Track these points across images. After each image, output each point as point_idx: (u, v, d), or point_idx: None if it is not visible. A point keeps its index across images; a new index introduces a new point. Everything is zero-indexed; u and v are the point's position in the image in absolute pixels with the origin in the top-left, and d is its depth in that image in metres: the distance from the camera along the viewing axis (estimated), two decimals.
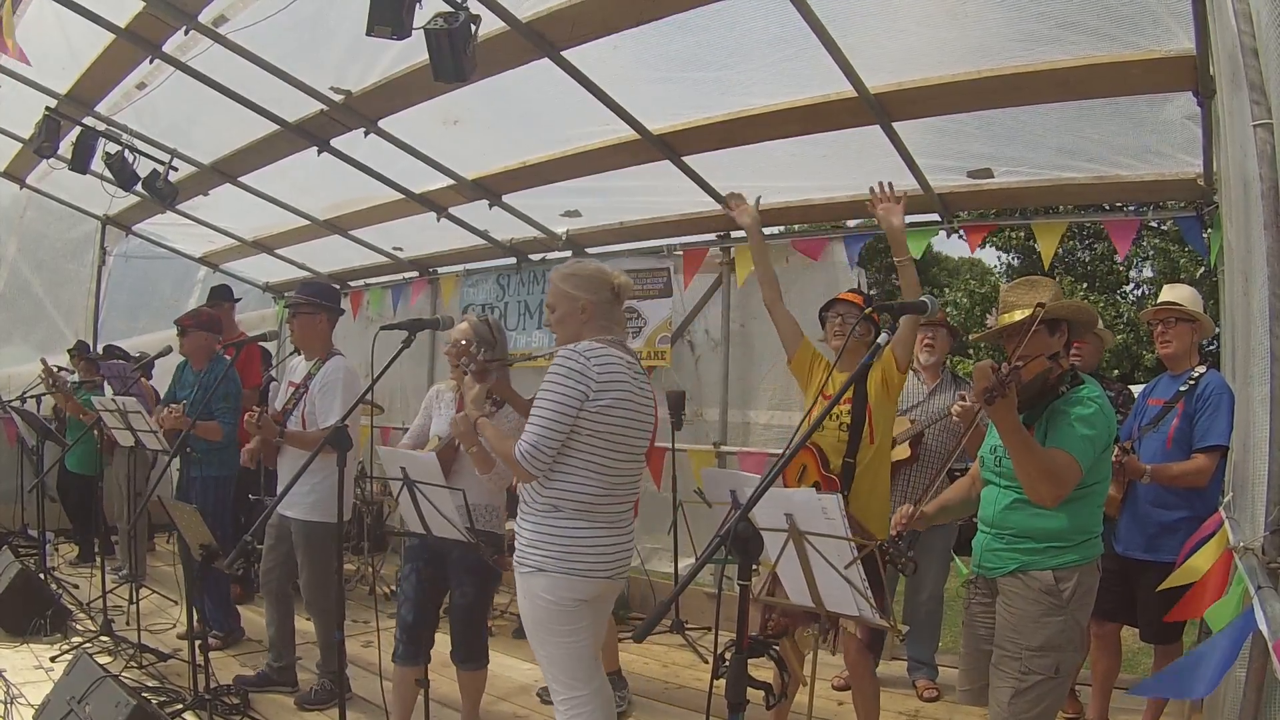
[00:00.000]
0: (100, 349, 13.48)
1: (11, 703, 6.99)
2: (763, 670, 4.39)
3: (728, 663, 3.86)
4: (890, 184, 6.08)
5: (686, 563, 9.74)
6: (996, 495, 4.97)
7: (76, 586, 10.71)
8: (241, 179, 11.89)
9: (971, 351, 30.70)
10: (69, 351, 13.61)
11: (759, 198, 6.70)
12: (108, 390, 11.57)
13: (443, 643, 6.49)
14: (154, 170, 11.13)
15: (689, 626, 9.51)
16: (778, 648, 5.44)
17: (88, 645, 8.16)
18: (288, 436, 7.24)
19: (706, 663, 8.62)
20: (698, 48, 7.66)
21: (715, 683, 3.99)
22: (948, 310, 29.78)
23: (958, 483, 5.57)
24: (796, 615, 5.92)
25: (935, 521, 5.56)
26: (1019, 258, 37.73)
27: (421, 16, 6.62)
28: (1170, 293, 6.81)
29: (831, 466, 6.11)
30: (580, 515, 4.85)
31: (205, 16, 8.34)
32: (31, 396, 12.33)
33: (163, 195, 11.27)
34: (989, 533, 4.99)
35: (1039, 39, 6.54)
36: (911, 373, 8.08)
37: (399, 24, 6.47)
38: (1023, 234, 31.51)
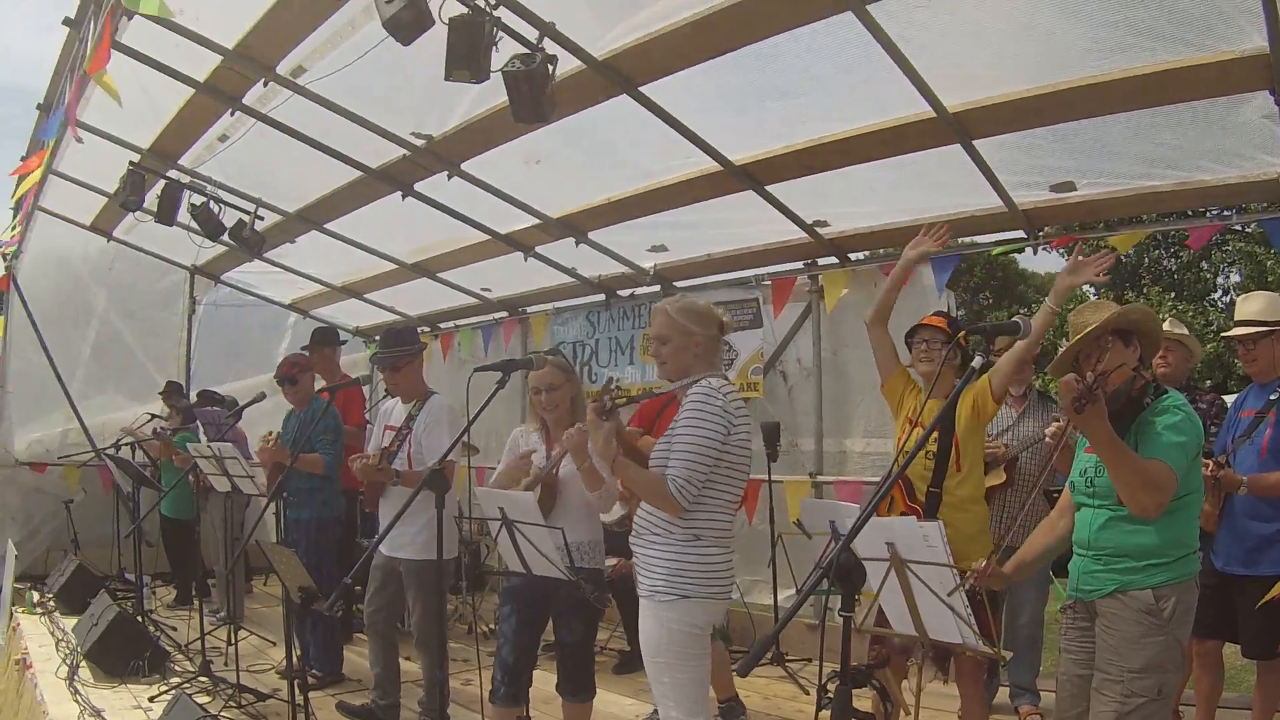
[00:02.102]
0: (195, 395, 13.64)
1: None
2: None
3: (831, 694, 3.84)
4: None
5: (785, 594, 9.66)
6: (1090, 516, 4.87)
7: (174, 629, 10.83)
8: (327, 225, 12.04)
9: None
10: (160, 394, 13.93)
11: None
12: (202, 436, 11.70)
13: (540, 678, 6.47)
14: (240, 220, 11.31)
15: (789, 658, 9.38)
16: (879, 678, 5.41)
17: (186, 685, 8.21)
18: (403, 478, 7.26)
19: (808, 694, 8.50)
20: (774, 76, 7.67)
21: (819, 715, 3.98)
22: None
23: (1035, 532, 5.45)
24: (895, 647, 5.89)
25: (1014, 580, 5.46)
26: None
27: (498, 59, 6.66)
28: (1244, 306, 6.68)
29: (917, 495, 6.08)
30: (716, 542, 4.99)
31: (283, 68, 8.47)
32: (126, 444, 12.54)
33: (250, 244, 11.42)
34: (1085, 555, 4.89)
35: (1111, 48, 6.48)
36: None
37: (477, 67, 6.51)
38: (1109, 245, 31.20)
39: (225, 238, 11.44)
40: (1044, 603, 7.95)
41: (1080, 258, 5.72)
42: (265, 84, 8.71)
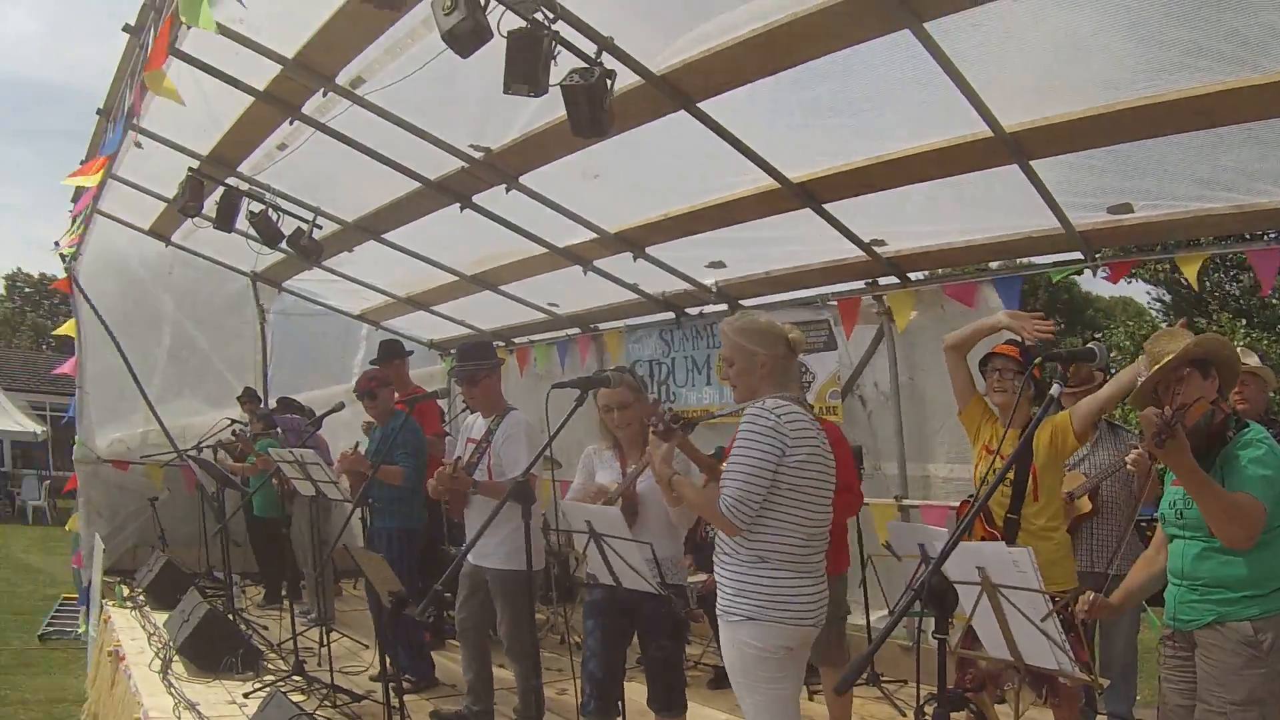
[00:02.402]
0: (274, 402, 13.75)
1: None
2: None
3: (927, 716, 3.83)
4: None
5: (878, 615, 9.63)
6: (1183, 547, 4.84)
7: (265, 628, 11.01)
8: (386, 235, 12.12)
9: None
10: (239, 399, 14.16)
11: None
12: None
13: (633, 690, 6.46)
14: (298, 228, 11.41)
15: (884, 679, 9.32)
16: (975, 702, 5.38)
17: (280, 684, 8.26)
18: (481, 487, 7.34)
19: (904, 716, 8.52)
20: (832, 94, 7.64)
21: None
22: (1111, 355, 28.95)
23: (1137, 565, 5.40)
24: (995, 670, 5.85)
25: (1120, 612, 5.41)
26: (1168, 292, 36.88)
27: (557, 73, 6.67)
28: None
29: (995, 521, 6.08)
30: (785, 565, 4.88)
31: (343, 78, 8.55)
32: (208, 446, 12.78)
33: (308, 252, 11.54)
34: (1181, 585, 4.86)
35: (1168, 68, 6.36)
36: None
37: (535, 81, 6.52)
38: (1169, 266, 30.62)
39: (283, 245, 11.53)
40: (1137, 630, 7.79)
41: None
42: (324, 94, 8.78)
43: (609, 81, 6.78)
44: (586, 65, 6.78)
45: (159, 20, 8.12)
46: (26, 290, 70.57)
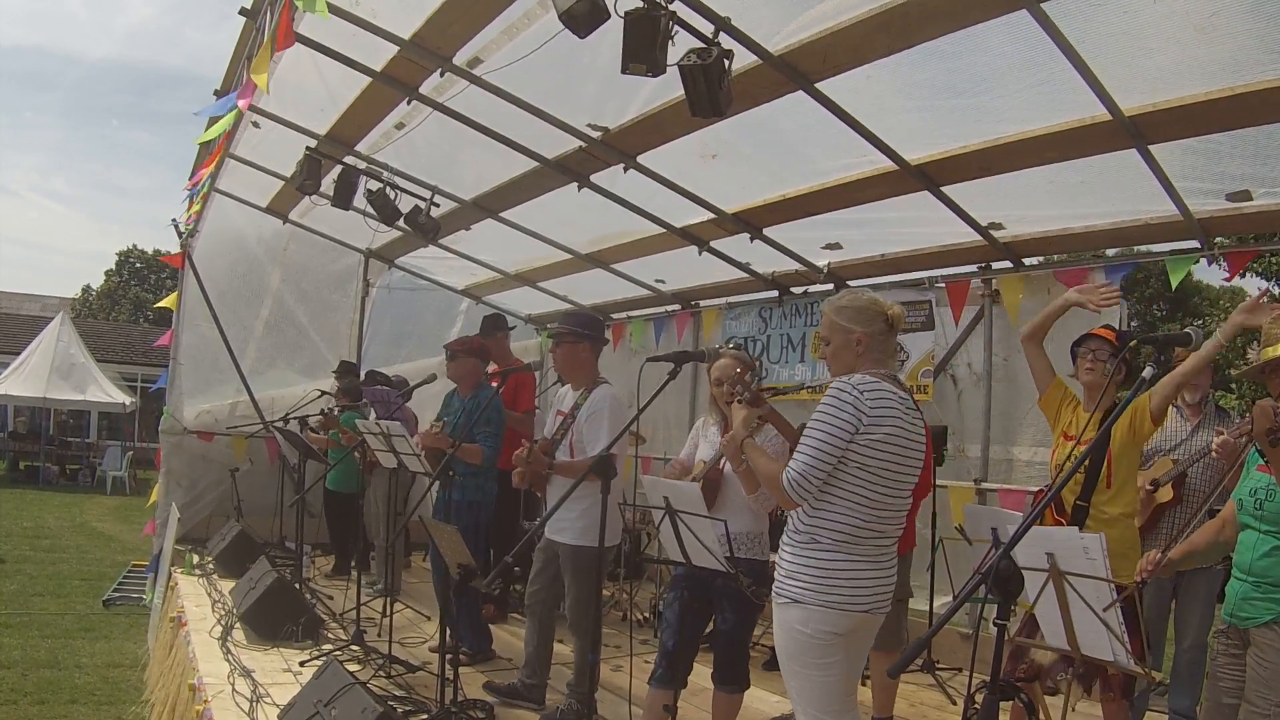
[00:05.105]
0: (363, 375, 13.90)
1: (258, 701, 7.22)
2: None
3: (977, 705, 3.81)
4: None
5: (942, 601, 9.58)
6: (1255, 541, 4.75)
7: (330, 598, 11.15)
8: (503, 214, 12.22)
9: (1234, 386, 29.44)
10: (334, 372, 14.32)
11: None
12: (371, 414, 11.94)
13: (696, 670, 6.52)
14: (416, 206, 11.56)
15: (939, 666, 9.30)
16: (1027, 693, 5.33)
17: (338, 653, 8.35)
18: (556, 467, 7.36)
19: (955, 704, 8.46)
20: (950, 75, 7.56)
21: None
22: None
23: (1205, 526, 5.34)
24: (1049, 661, 5.80)
25: (1181, 567, 5.34)
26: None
27: (674, 53, 6.66)
28: None
29: (1065, 508, 6.02)
30: (838, 547, 4.75)
31: (460, 59, 8.63)
32: (295, 418, 13.03)
33: (425, 230, 11.70)
34: (1245, 580, 4.77)
35: None
36: (1173, 409, 7.70)
37: (653, 61, 6.53)
38: None
39: (400, 223, 11.67)
40: (1209, 628, 7.58)
41: (1264, 301, 5.54)
42: (442, 74, 8.88)
43: (726, 61, 6.78)
44: (704, 45, 6.76)
45: (277, 3, 8.22)
46: (137, 265, 71.61)
